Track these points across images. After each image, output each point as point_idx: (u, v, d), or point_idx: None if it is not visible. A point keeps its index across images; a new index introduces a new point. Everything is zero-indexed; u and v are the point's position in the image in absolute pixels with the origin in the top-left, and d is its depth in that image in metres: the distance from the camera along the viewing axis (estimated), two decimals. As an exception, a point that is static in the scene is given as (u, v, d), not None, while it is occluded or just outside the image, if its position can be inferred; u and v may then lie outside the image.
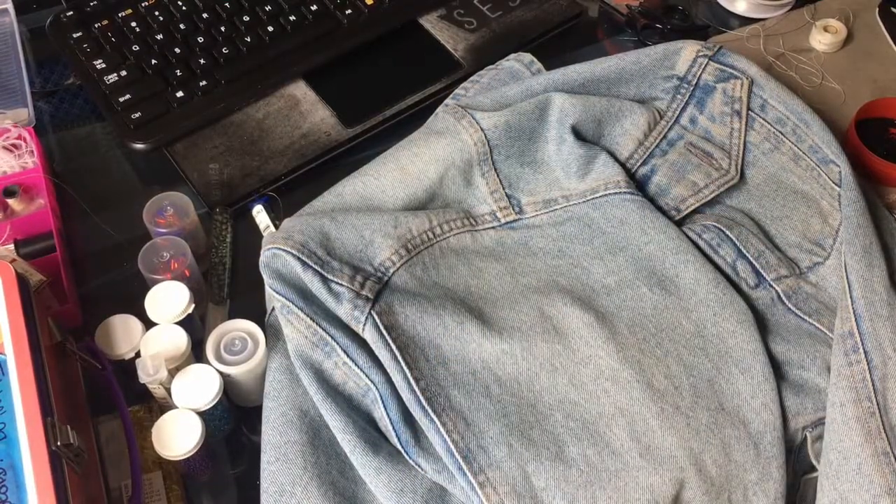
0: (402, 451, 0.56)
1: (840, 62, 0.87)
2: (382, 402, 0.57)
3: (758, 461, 0.57)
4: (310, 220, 0.62)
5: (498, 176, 0.69)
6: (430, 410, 0.55)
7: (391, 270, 0.61)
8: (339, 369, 0.58)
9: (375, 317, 0.58)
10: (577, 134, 0.70)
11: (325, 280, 0.59)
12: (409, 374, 0.56)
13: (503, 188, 0.69)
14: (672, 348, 0.61)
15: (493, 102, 0.72)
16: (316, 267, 0.59)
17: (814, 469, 0.59)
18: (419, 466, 0.56)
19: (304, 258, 0.59)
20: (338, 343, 0.58)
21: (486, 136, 0.69)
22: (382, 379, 0.58)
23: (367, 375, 0.58)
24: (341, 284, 0.59)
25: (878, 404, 0.57)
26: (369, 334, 0.58)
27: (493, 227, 0.67)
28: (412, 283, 0.61)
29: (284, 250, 0.59)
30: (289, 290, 0.59)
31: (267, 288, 0.63)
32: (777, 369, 0.61)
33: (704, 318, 0.62)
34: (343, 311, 0.58)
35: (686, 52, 0.74)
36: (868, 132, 0.79)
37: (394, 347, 0.57)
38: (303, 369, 0.58)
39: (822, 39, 0.87)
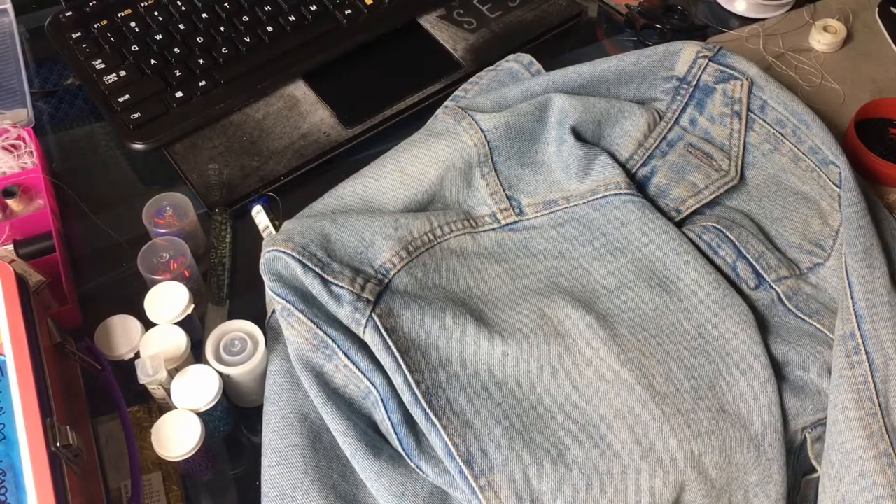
0: (404, 455, 0.56)
1: (839, 62, 0.87)
2: (383, 404, 0.57)
3: (758, 463, 0.57)
4: (310, 222, 0.62)
5: (498, 177, 0.69)
6: (430, 413, 0.55)
7: (392, 272, 0.61)
8: (340, 372, 0.58)
9: (376, 319, 0.58)
10: (577, 135, 0.70)
11: (325, 282, 0.58)
12: (409, 377, 0.56)
13: (503, 189, 0.69)
14: (673, 350, 0.60)
15: (493, 104, 0.72)
16: (316, 269, 0.59)
17: (814, 470, 0.59)
18: (420, 470, 0.55)
19: (304, 260, 0.58)
20: (338, 346, 0.58)
21: (486, 138, 0.69)
22: (383, 382, 0.58)
23: (367, 378, 0.58)
24: (342, 287, 0.59)
25: (879, 406, 0.57)
26: (370, 337, 0.58)
27: (493, 229, 0.67)
28: (413, 285, 0.61)
29: (285, 252, 0.59)
30: (289, 292, 0.59)
31: (267, 290, 0.63)
32: (777, 370, 0.61)
33: (705, 319, 0.62)
34: (344, 313, 0.58)
35: (686, 53, 0.74)
36: (867, 132, 0.79)
37: (394, 350, 0.57)
38: (303, 372, 0.58)
39: (821, 39, 0.87)
